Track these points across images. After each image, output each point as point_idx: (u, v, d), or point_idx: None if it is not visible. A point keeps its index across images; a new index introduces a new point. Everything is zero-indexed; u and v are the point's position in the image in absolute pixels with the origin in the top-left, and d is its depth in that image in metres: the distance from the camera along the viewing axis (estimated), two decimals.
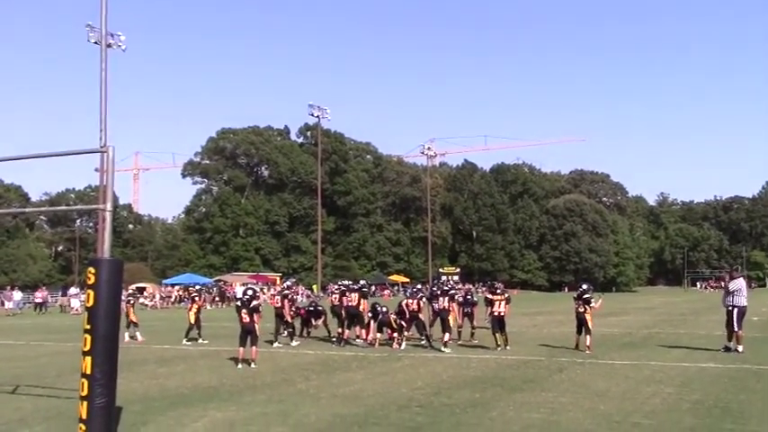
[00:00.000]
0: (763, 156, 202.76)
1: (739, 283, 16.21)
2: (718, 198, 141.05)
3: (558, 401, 9.83)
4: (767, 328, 17.06)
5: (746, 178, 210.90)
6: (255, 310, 14.55)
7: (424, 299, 18.60)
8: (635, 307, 42.61)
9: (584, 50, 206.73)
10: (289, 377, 12.80)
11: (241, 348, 14.37)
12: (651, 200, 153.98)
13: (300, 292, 58.63)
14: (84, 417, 7.49)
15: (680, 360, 14.56)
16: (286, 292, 20.21)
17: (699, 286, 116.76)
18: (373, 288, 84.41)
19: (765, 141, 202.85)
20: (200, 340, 20.03)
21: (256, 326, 14.46)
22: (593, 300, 16.75)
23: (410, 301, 18.07)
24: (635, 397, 10.14)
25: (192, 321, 20.25)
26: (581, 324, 16.42)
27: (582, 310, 16.29)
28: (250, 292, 15.46)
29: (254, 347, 14.34)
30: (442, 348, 16.73)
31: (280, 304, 19.34)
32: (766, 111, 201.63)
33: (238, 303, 15.10)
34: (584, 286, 17.05)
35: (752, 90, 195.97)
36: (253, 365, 14.08)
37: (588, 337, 16.23)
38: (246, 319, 14.35)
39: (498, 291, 17.71)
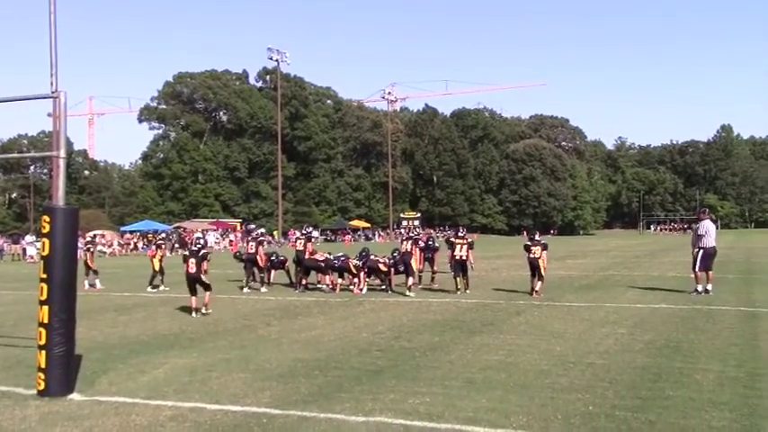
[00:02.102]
0: (718, 101, 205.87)
1: (706, 225, 16.33)
2: (674, 142, 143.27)
3: (515, 343, 10.03)
4: (718, 270, 17.52)
5: (702, 123, 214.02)
6: (204, 258, 14.30)
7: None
8: (592, 250, 43.45)
9: None
10: (250, 323, 12.85)
11: (193, 298, 14.14)
12: (609, 144, 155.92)
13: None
14: (43, 366, 7.45)
15: (634, 301, 14.92)
16: (261, 238, 20.19)
17: (653, 229, 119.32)
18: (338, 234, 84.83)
19: (721, 87, 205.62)
20: (162, 287, 19.98)
21: (202, 275, 14.12)
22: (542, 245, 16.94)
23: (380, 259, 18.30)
24: (590, 338, 10.40)
25: (157, 268, 20.22)
26: (534, 269, 16.62)
27: (537, 255, 16.45)
28: (202, 242, 15.27)
29: (207, 293, 14.18)
30: (407, 292, 16.93)
31: (254, 250, 19.31)
32: (722, 56, 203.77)
33: (186, 253, 14.81)
34: (537, 236, 17.31)
35: (708, 35, 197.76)
36: (204, 310, 13.95)
37: (540, 282, 16.47)
38: (193, 269, 14.04)
39: (461, 235, 17.89)
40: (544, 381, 7.69)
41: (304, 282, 18.91)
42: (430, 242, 20.58)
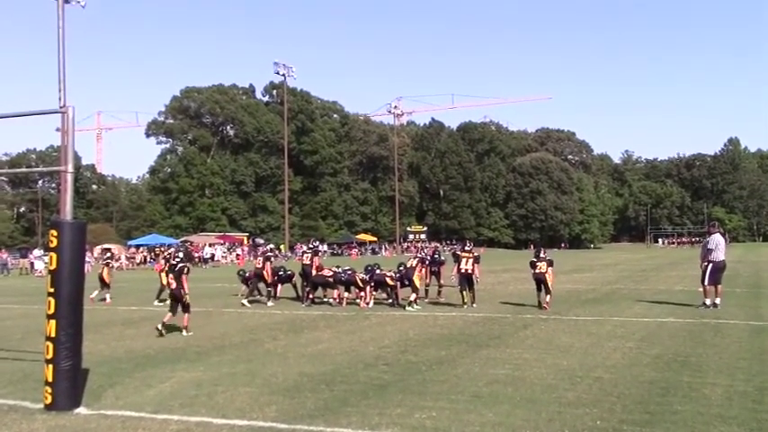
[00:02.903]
0: (725, 114, 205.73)
1: (716, 239, 16.29)
2: (681, 156, 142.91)
3: (522, 357, 10.00)
4: (727, 283, 17.41)
5: (709, 136, 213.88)
6: (182, 272, 13.45)
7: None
8: (599, 263, 43.29)
9: (551, 9, 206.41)
10: (256, 337, 12.84)
11: (169, 314, 13.43)
12: (616, 158, 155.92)
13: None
14: (50, 379, 7.46)
15: (641, 315, 14.85)
16: (269, 254, 20.26)
17: (661, 243, 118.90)
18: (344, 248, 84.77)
19: (728, 100, 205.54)
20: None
21: (183, 291, 13.35)
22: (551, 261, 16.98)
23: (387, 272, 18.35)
24: (597, 352, 10.35)
25: (165, 283, 20.24)
26: (540, 283, 16.59)
27: (543, 271, 16.44)
28: (180, 255, 14.54)
29: (186, 314, 13.33)
30: (407, 307, 16.93)
31: (261, 265, 19.36)
32: (729, 70, 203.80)
33: (166, 268, 14.00)
34: (542, 252, 17.29)
35: (714, 48, 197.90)
36: (185, 333, 13.20)
37: (549, 296, 16.45)
38: (173, 284, 13.46)
39: (467, 248, 17.92)
40: (551, 395, 7.66)
41: (311, 296, 18.91)
42: (436, 256, 20.58)
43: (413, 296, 17.30)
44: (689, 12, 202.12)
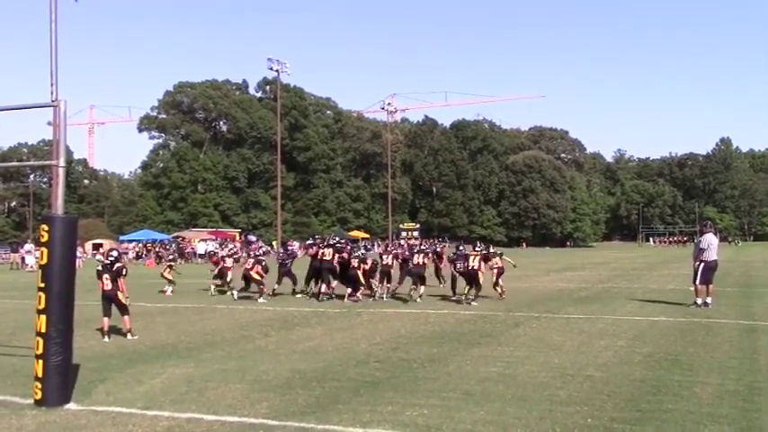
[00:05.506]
0: (717, 114, 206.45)
1: (708, 238, 16.33)
2: (673, 155, 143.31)
3: (514, 355, 10.00)
4: (718, 283, 17.44)
5: (701, 136, 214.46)
6: (119, 273, 12.75)
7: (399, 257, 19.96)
8: (591, 262, 43.34)
9: (546, 8, 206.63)
10: (248, 333, 12.81)
11: (105, 318, 12.60)
12: (608, 156, 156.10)
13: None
14: (39, 375, 7.43)
15: (633, 314, 14.88)
16: (261, 258, 20.15)
17: (652, 242, 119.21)
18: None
19: (720, 100, 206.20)
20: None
21: (119, 293, 12.66)
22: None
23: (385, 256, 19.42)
24: (588, 350, 10.36)
25: (171, 278, 21.83)
26: (471, 279, 17.39)
27: (476, 266, 16.90)
28: (114, 254, 13.62)
29: (125, 317, 12.68)
30: (417, 299, 17.80)
31: (251, 267, 19.28)
32: (721, 69, 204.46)
33: (99, 268, 13.06)
34: (492, 248, 17.97)
35: (707, 48, 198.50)
36: (130, 336, 12.46)
37: (478, 292, 17.33)
38: (108, 285, 12.55)
39: (477, 248, 18.72)
40: (542, 393, 7.66)
41: (328, 290, 18.87)
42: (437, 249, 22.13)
43: (421, 290, 18.13)
44: (682, 12, 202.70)
